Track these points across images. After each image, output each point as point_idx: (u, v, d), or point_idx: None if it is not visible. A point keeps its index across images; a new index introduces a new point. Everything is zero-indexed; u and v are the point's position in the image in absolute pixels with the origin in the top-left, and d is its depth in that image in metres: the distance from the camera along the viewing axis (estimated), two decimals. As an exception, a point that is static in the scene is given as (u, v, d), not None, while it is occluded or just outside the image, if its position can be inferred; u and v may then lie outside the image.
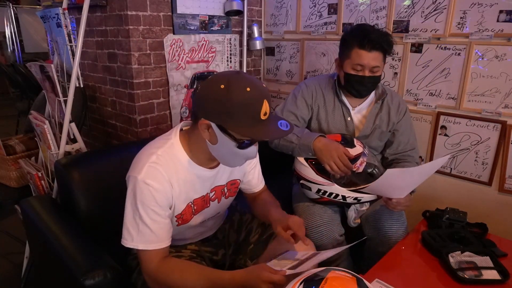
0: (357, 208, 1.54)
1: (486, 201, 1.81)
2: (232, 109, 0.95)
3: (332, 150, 1.35)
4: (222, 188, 1.23)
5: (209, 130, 1.01)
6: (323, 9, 2.15)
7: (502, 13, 1.60)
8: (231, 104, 0.94)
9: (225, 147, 1.02)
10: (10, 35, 6.46)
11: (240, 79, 0.97)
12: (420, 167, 1.36)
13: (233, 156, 1.05)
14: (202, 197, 1.17)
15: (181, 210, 1.12)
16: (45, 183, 1.78)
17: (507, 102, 1.67)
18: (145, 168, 1.03)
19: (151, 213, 1.03)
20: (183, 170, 1.08)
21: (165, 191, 1.04)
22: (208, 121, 0.99)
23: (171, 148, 1.08)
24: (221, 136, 1.00)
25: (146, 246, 1.04)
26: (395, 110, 1.60)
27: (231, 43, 2.31)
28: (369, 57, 1.41)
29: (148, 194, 1.02)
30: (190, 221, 1.18)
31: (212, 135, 1.01)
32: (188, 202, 1.13)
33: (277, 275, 0.94)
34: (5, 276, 2.06)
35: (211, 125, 0.99)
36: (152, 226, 1.03)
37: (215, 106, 0.96)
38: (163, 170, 1.04)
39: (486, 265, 1.23)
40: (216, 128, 0.99)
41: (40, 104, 2.18)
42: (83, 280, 1.03)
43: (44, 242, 1.29)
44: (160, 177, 1.03)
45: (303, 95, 1.62)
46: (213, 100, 0.96)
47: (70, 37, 1.63)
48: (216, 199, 1.22)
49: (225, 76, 0.98)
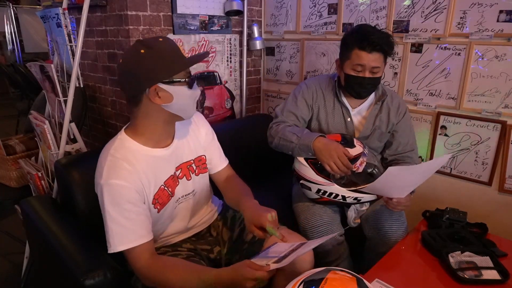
0: (357, 208, 1.54)
1: (486, 201, 1.81)
2: (165, 58, 1.02)
3: (332, 150, 1.35)
4: (189, 165, 1.24)
5: (159, 94, 1.04)
6: (323, 9, 2.15)
7: (502, 13, 1.60)
8: (161, 54, 1.02)
9: (181, 96, 1.06)
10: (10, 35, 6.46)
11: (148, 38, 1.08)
12: (420, 165, 1.36)
13: (189, 101, 1.10)
14: (171, 177, 1.18)
15: (154, 194, 1.13)
16: (45, 183, 1.78)
17: (507, 102, 1.67)
18: (105, 170, 1.04)
19: (123, 212, 1.03)
20: (141, 157, 1.10)
21: (133, 184, 1.05)
22: (154, 86, 1.02)
23: (121, 143, 1.10)
24: (171, 88, 1.04)
25: (127, 245, 1.04)
26: (394, 111, 1.60)
27: (231, 43, 2.31)
28: (369, 58, 1.41)
29: (116, 193, 1.03)
30: (168, 203, 1.18)
31: (164, 96, 1.04)
32: (160, 185, 1.14)
33: (260, 271, 0.94)
34: (5, 276, 2.06)
35: (158, 86, 1.03)
36: (127, 225, 1.04)
37: (151, 68, 1.01)
38: (125, 164, 1.05)
39: (486, 265, 1.23)
40: (164, 86, 1.03)
41: (40, 104, 2.19)
42: (83, 280, 1.03)
43: (44, 242, 1.29)
44: (123, 172, 1.04)
45: (303, 95, 1.62)
46: (145, 65, 1.01)
47: (70, 37, 1.63)
48: (184, 176, 1.23)
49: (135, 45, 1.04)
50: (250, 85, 2.53)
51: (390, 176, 1.23)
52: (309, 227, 1.51)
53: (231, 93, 2.42)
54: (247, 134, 2.10)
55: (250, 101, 2.58)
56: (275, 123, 1.60)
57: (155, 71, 1.01)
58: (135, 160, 1.08)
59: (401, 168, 1.30)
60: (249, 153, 2.04)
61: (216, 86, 2.31)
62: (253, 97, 2.60)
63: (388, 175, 1.22)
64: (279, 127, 1.55)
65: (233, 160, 1.54)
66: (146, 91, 1.03)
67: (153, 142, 1.13)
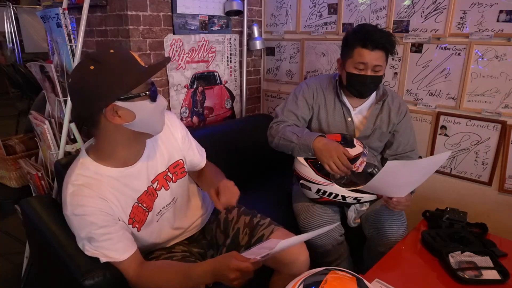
0: (357, 208, 1.55)
1: (486, 201, 1.81)
2: (118, 72, 0.91)
3: (332, 150, 1.35)
4: (164, 175, 1.18)
5: (118, 113, 0.94)
6: (323, 9, 2.15)
7: (502, 13, 1.60)
8: (113, 69, 0.91)
9: (143, 112, 0.97)
10: (10, 35, 6.46)
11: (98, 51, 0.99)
12: (420, 161, 1.36)
13: (154, 115, 1.01)
14: (145, 192, 1.12)
15: (129, 213, 1.09)
16: (45, 183, 1.78)
17: (507, 102, 1.67)
18: (68, 200, 1.00)
19: (99, 236, 1.02)
20: (107, 180, 1.03)
21: (100, 208, 1.00)
22: (110, 104, 0.92)
23: (83, 167, 1.03)
24: (131, 105, 0.94)
25: (114, 259, 1.05)
26: (395, 111, 1.60)
27: (231, 43, 2.31)
28: (371, 56, 1.41)
29: (85, 223, 1.00)
30: (147, 219, 1.15)
31: (124, 114, 0.95)
32: (133, 203, 1.10)
33: (245, 263, 0.92)
34: (5, 276, 2.06)
35: (116, 105, 0.93)
36: (106, 245, 1.03)
37: (105, 85, 0.91)
38: (87, 192, 0.99)
39: (486, 265, 1.23)
40: (122, 103, 0.93)
41: (40, 104, 2.18)
42: (83, 280, 1.03)
43: (44, 242, 1.29)
44: (86, 200, 0.99)
45: (304, 95, 1.62)
46: (98, 83, 0.90)
47: (70, 37, 1.63)
48: (162, 187, 1.17)
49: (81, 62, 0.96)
50: (250, 85, 2.53)
51: (389, 170, 1.21)
52: (309, 227, 1.51)
53: (231, 93, 2.42)
54: (247, 134, 2.10)
55: (250, 101, 2.58)
56: (275, 123, 1.60)
57: (109, 88, 0.91)
58: (100, 184, 1.01)
59: (400, 162, 1.29)
60: (249, 153, 2.04)
61: (216, 86, 2.31)
62: (253, 97, 2.60)
63: (387, 169, 1.21)
64: (279, 127, 1.55)
65: (233, 160, 1.54)
66: (103, 111, 0.93)
67: (118, 163, 1.05)
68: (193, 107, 2.20)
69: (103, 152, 1.04)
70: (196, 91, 2.19)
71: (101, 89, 0.91)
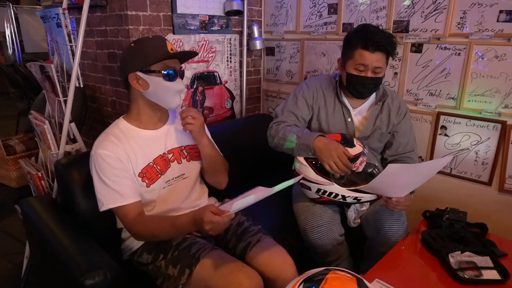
0: (357, 208, 1.55)
1: (486, 201, 1.81)
2: (144, 50, 1.19)
3: (332, 150, 1.35)
4: (180, 150, 1.36)
5: (139, 81, 1.20)
6: (323, 9, 2.15)
7: (502, 13, 1.60)
8: (143, 47, 1.20)
9: (157, 86, 1.20)
10: (10, 35, 6.45)
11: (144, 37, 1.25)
12: (421, 165, 1.36)
13: (167, 92, 1.22)
14: (160, 156, 1.30)
15: (142, 168, 1.25)
16: (45, 183, 1.78)
17: (507, 102, 1.67)
18: (96, 143, 1.22)
19: (110, 176, 1.18)
20: (132, 136, 1.25)
21: (117, 154, 1.20)
22: (134, 72, 1.19)
23: (116, 125, 1.28)
24: (148, 78, 1.19)
25: (115, 203, 1.19)
26: (395, 112, 1.60)
27: (231, 43, 2.31)
28: (372, 58, 1.41)
29: (102, 161, 1.19)
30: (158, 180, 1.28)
31: (142, 83, 1.20)
32: (148, 162, 1.27)
33: (217, 216, 1.03)
34: (5, 276, 2.06)
35: (138, 74, 1.19)
36: (115, 187, 1.18)
37: (132, 58, 1.20)
38: (114, 139, 1.21)
39: (486, 265, 1.23)
40: (142, 74, 1.19)
41: (40, 104, 2.18)
42: (83, 280, 1.03)
43: (44, 242, 1.29)
44: (110, 145, 1.20)
45: (304, 95, 1.62)
46: (130, 55, 1.21)
47: (70, 37, 1.63)
48: (175, 160, 1.34)
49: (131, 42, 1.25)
50: (250, 85, 2.53)
51: (390, 173, 1.23)
52: (309, 227, 1.51)
53: (231, 93, 2.42)
54: (247, 134, 2.10)
55: (250, 101, 2.58)
56: (275, 123, 1.60)
57: (136, 60, 1.19)
58: (124, 136, 1.24)
59: (401, 166, 1.30)
60: (249, 153, 2.04)
61: (216, 86, 2.31)
62: (253, 97, 2.60)
63: (387, 172, 1.22)
64: (279, 127, 1.55)
65: (233, 160, 1.54)
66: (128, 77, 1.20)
67: (142, 124, 1.28)
68: (193, 107, 2.20)
69: (132, 113, 1.29)
70: (196, 91, 2.19)
71: (130, 60, 1.21)
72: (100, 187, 1.20)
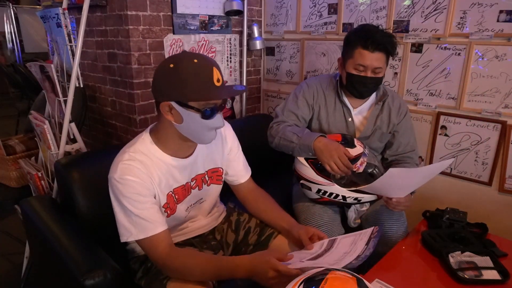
0: (357, 209, 1.54)
1: (486, 201, 1.81)
2: (184, 81, 0.98)
3: (332, 150, 1.35)
4: (203, 176, 1.24)
5: (172, 112, 1.03)
6: (323, 9, 2.15)
7: (502, 13, 1.60)
8: (183, 76, 0.98)
9: (192, 122, 1.04)
10: (10, 35, 6.45)
11: (186, 54, 1.02)
12: (423, 168, 1.36)
13: (202, 129, 1.06)
14: (182, 186, 1.18)
15: (166, 200, 1.14)
16: (45, 183, 1.77)
17: (507, 102, 1.67)
18: (119, 167, 1.05)
19: (136, 204, 1.05)
20: (158, 162, 1.10)
21: (143, 181, 1.06)
22: (167, 101, 1.02)
23: (142, 144, 1.11)
24: (183, 112, 1.02)
25: (145, 234, 1.05)
26: (395, 112, 1.60)
27: (231, 43, 2.31)
28: (372, 57, 1.41)
29: (127, 188, 1.04)
30: (176, 210, 1.19)
31: (175, 114, 1.04)
32: (168, 191, 1.15)
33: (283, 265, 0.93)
34: (5, 276, 2.06)
35: (172, 104, 1.02)
36: (142, 215, 1.05)
37: (168, 84, 1.00)
38: (139, 165, 1.06)
39: (486, 265, 1.23)
40: (176, 106, 1.02)
41: (40, 104, 2.18)
42: (83, 280, 1.03)
43: (44, 242, 1.29)
44: (135, 170, 1.05)
45: (304, 95, 1.62)
46: (167, 80, 1.00)
47: (70, 37, 1.63)
48: (197, 187, 1.23)
49: (172, 57, 1.04)
50: (250, 85, 2.53)
51: (391, 176, 1.23)
52: (309, 227, 1.51)
53: (231, 93, 2.42)
54: (247, 134, 2.09)
55: (250, 101, 2.58)
56: (275, 123, 1.60)
57: (172, 89, 1.00)
58: (151, 164, 1.09)
59: (402, 170, 1.30)
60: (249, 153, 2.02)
61: (216, 86, 2.31)
62: (253, 97, 2.60)
63: (389, 176, 1.22)
64: (279, 127, 1.55)
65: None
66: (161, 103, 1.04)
67: (172, 152, 1.13)
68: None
69: (160, 137, 1.12)
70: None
71: (166, 86, 1.01)
72: (124, 217, 1.06)
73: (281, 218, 1.30)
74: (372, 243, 1.02)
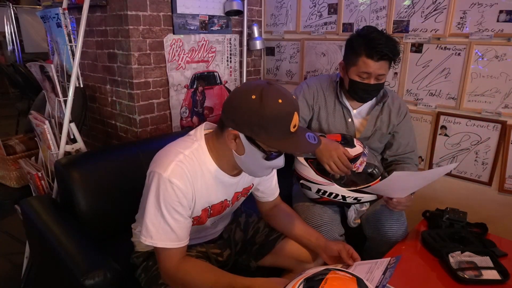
0: (357, 208, 1.54)
1: (486, 201, 1.81)
2: (264, 121, 0.93)
3: (332, 150, 1.35)
4: (238, 194, 1.23)
5: (236, 141, 1.00)
6: (323, 9, 2.15)
7: (502, 13, 1.60)
8: (264, 116, 0.92)
9: (252, 158, 1.01)
10: (10, 35, 6.46)
11: (273, 90, 0.95)
12: (426, 172, 1.37)
13: (259, 167, 1.04)
14: (220, 203, 1.16)
15: (199, 213, 1.11)
16: (45, 183, 1.77)
17: (507, 102, 1.67)
18: (172, 166, 1.00)
19: (173, 212, 1.02)
20: (208, 175, 1.07)
21: (187, 191, 1.03)
22: (236, 131, 0.98)
23: (197, 151, 1.06)
24: (249, 147, 0.99)
25: (166, 244, 1.03)
26: (395, 112, 1.60)
27: (231, 43, 2.31)
28: (376, 66, 1.40)
29: (172, 193, 1.00)
30: (206, 222, 1.18)
31: (239, 145, 1.00)
32: (206, 206, 1.12)
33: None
34: (5, 276, 2.06)
35: (239, 135, 0.98)
36: (173, 225, 1.02)
37: (246, 117, 0.94)
38: (188, 172, 1.02)
39: (486, 265, 1.23)
40: (244, 139, 0.98)
41: (40, 104, 2.18)
42: (83, 280, 1.03)
43: (44, 242, 1.29)
44: (185, 177, 1.02)
45: (304, 95, 1.62)
46: (244, 111, 0.94)
47: (70, 37, 1.63)
48: (231, 204, 1.22)
49: (257, 86, 0.96)
50: (250, 85, 2.53)
51: (395, 180, 1.25)
52: (309, 227, 1.51)
53: (231, 93, 2.42)
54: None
55: (250, 101, 2.57)
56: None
57: (245, 122, 0.95)
58: (200, 174, 1.05)
59: (407, 173, 1.32)
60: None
61: (216, 86, 2.31)
62: (253, 97, 2.60)
63: (393, 179, 1.23)
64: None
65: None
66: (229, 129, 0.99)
67: (224, 167, 1.09)
68: (193, 107, 2.20)
69: (216, 149, 1.07)
70: (196, 91, 2.19)
71: (241, 117, 0.95)
72: (156, 218, 1.02)
73: (309, 233, 1.28)
74: (389, 273, 1.02)
